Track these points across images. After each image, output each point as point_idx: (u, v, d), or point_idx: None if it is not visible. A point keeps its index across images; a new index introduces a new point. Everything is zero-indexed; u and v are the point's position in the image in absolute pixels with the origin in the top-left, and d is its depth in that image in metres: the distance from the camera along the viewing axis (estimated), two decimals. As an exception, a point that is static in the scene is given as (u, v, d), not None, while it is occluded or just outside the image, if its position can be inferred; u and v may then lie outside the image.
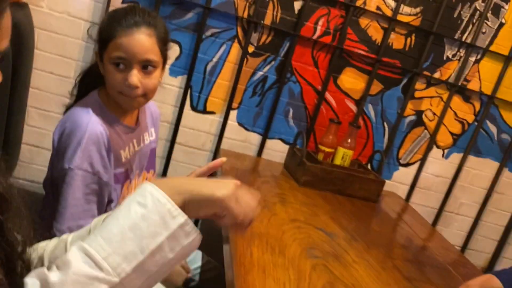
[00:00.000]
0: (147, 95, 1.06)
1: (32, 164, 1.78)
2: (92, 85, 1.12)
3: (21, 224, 0.54)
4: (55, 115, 1.73)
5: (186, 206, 0.57)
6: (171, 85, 1.79)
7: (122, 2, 1.67)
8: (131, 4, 1.12)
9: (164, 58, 1.09)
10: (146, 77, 1.03)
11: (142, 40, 1.01)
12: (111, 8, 1.62)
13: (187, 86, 1.79)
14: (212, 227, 0.80)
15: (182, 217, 0.55)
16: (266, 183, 1.61)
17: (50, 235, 0.69)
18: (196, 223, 1.90)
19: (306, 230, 1.27)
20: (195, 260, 1.39)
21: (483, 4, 1.84)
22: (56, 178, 1.02)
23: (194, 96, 1.83)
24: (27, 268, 0.55)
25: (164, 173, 1.88)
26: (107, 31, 1.02)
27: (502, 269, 1.08)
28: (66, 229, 0.97)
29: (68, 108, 1.12)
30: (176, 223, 0.55)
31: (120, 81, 1.01)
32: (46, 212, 1.08)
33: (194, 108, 1.84)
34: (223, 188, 0.59)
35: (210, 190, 0.59)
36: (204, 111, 1.85)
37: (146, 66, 1.02)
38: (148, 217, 0.54)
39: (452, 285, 1.21)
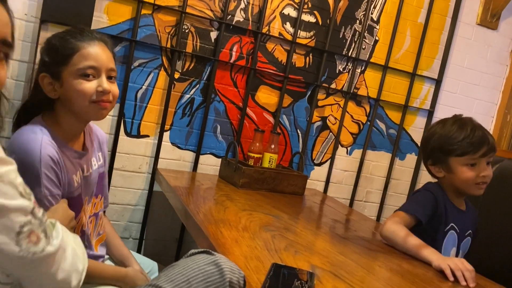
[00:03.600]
0: (112, 103, 1.13)
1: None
2: (31, 116, 1.10)
3: None
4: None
5: None
6: (105, 114, 1.90)
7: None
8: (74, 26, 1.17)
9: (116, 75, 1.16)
10: (111, 83, 1.11)
11: (106, 50, 1.11)
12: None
13: (121, 113, 1.92)
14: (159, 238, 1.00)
15: None
16: (209, 189, 1.79)
17: None
18: (142, 234, 1.97)
19: (257, 215, 1.48)
20: (153, 271, 1.47)
21: (360, 25, 2.30)
22: None
23: (128, 122, 1.96)
24: None
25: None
26: (67, 47, 1.06)
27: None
28: None
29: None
30: None
31: (92, 90, 1.06)
32: None
33: (128, 134, 1.97)
34: None
35: None
36: (138, 135, 1.99)
37: (110, 77, 1.10)
38: None
39: (372, 235, 1.50)
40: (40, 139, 0.99)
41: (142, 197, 2.03)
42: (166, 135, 2.03)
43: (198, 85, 2.05)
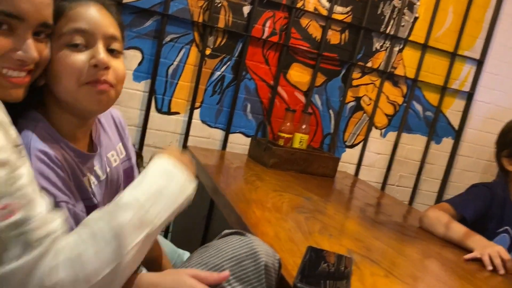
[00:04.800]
0: (117, 86, 0.80)
1: None
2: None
3: None
4: None
5: None
6: (135, 90, 1.89)
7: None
8: None
9: (122, 50, 0.84)
10: (114, 58, 0.79)
11: (104, 12, 0.79)
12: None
13: (152, 90, 1.90)
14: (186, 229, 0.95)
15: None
16: (239, 168, 1.76)
17: None
18: (167, 229, 1.98)
19: (288, 196, 1.44)
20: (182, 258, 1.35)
21: (399, 1, 2.18)
22: None
23: (158, 99, 1.94)
24: None
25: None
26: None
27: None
28: None
29: None
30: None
31: (81, 63, 0.74)
32: None
33: (159, 110, 1.95)
34: None
35: None
36: (169, 112, 1.97)
37: (112, 50, 0.79)
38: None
39: (407, 221, 1.44)
40: (29, 138, 0.72)
41: (171, 175, 2.02)
42: (196, 112, 2.00)
43: (229, 62, 2.00)
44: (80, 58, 0.74)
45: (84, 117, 0.82)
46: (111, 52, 0.79)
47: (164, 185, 0.73)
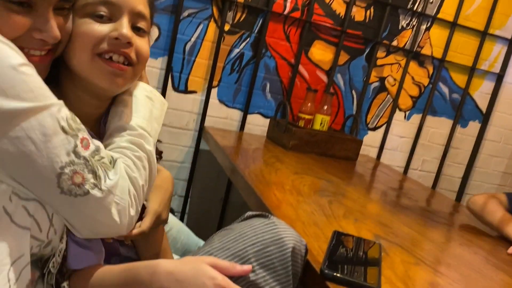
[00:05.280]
0: (137, 66, 0.74)
1: None
2: None
3: None
4: None
5: None
6: (152, 67, 1.83)
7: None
8: None
9: (149, 30, 0.79)
10: (138, 36, 0.74)
11: None
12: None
13: (168, 67, 1.84)
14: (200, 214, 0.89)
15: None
16: (258, 150, 1.70)
17: None
18: (183, 211, 1.94)
19: (309, 179, 1.38)
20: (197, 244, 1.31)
21: (429, -24, 2.07)
22: None
23: (175, 77, 1.88)
24: None
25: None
26: None
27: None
28: None
29: None
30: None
31: (102, 34, 0.69)
32: None
33: (176, 89, 1.89)
34: None
35: None
36: (186, 91, 1.91)
37: (138, 28, 0.74)
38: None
39: (434, 206, 1.37)
40: None
41: (188, 155, 1.97)
42: (214, 91, 1.94)
43: (248, 39, 1.92)
44: (101, 28, 0.69)
45: (99, 97, 0.76)
46: (136, 30, 0.73)
47: (151, 109, 0.80)
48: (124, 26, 0.70)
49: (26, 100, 0.57)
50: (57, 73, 0.74)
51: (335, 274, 0.69)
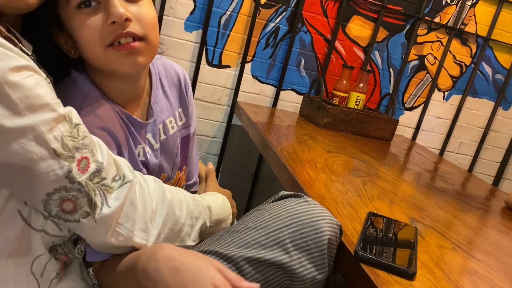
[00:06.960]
0: (149, 35, 0.71)
1: None
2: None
3: None
4: None
5: None
6: (186, 40, 1.82)
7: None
8: None
9: None
10: (133, 4, 0.70)
11: None
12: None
13: (203, 40, 1.82)
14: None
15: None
16: (290, 127, 1.68)
17: None
18: (218, 166, 1.92)
19: (343, 158, 1.35)
20: None
21: None
22: None
23: (209, 50, 1.87)
24: None
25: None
26: None
27: None
28: None
29: None
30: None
31: (99, 26, 0.67)
32: None
33: (209, 63, 1.88)
34: None
35: None
36: (220, 65, 1.90)
37: None
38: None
39: (471, 190, 1.33)
40: (84, 95, 0.73)
41: (220, 130, 1.98)
42: (248, 66, 1.92)
43: (284, 13, 1.88)
44: (95, 20, 0.67)
45: (128, 80, 0.77)
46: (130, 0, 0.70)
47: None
48: (113, 5, 0.66)
49: (7, 118, 0.48)
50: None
51: (369, 256, 0.68)
